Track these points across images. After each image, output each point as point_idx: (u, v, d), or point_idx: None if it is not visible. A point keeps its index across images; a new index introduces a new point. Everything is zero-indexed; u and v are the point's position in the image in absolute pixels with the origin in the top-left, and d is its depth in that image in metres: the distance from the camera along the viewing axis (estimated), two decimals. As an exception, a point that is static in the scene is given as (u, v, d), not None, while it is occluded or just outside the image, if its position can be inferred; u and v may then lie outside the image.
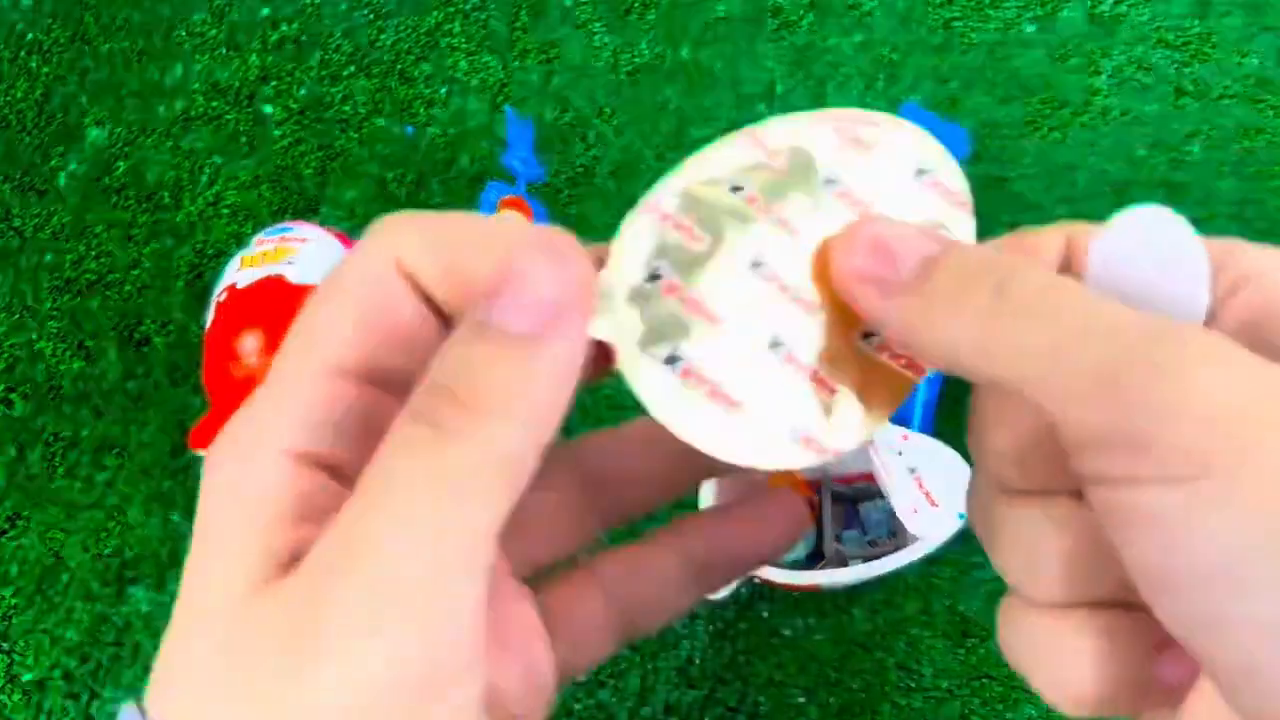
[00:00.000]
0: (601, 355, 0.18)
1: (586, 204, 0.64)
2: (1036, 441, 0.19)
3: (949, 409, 0.55)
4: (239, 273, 0.56)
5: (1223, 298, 0.18)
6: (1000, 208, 0.62)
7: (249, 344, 0.53)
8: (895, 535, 0.54)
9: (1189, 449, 0.14)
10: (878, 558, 0.49)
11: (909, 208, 0.19)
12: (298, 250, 0.56)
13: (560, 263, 0.17)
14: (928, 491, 0.49)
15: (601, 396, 0.57)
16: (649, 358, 0.18)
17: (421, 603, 0.15)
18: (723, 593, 0.51)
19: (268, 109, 0.69)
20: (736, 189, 0.20)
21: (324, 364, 0.18)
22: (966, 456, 0.44)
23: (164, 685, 0.17)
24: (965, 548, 0.52)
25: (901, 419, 0.53)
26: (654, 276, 0.19)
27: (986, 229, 0.19)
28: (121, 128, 0.68)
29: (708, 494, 0.48)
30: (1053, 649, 0.18)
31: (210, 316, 0.56)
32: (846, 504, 0.57)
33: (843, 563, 0.53)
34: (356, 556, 0.15)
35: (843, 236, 0.19)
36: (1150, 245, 0.18)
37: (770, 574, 0.49)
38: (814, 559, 0.55)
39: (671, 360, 0.18)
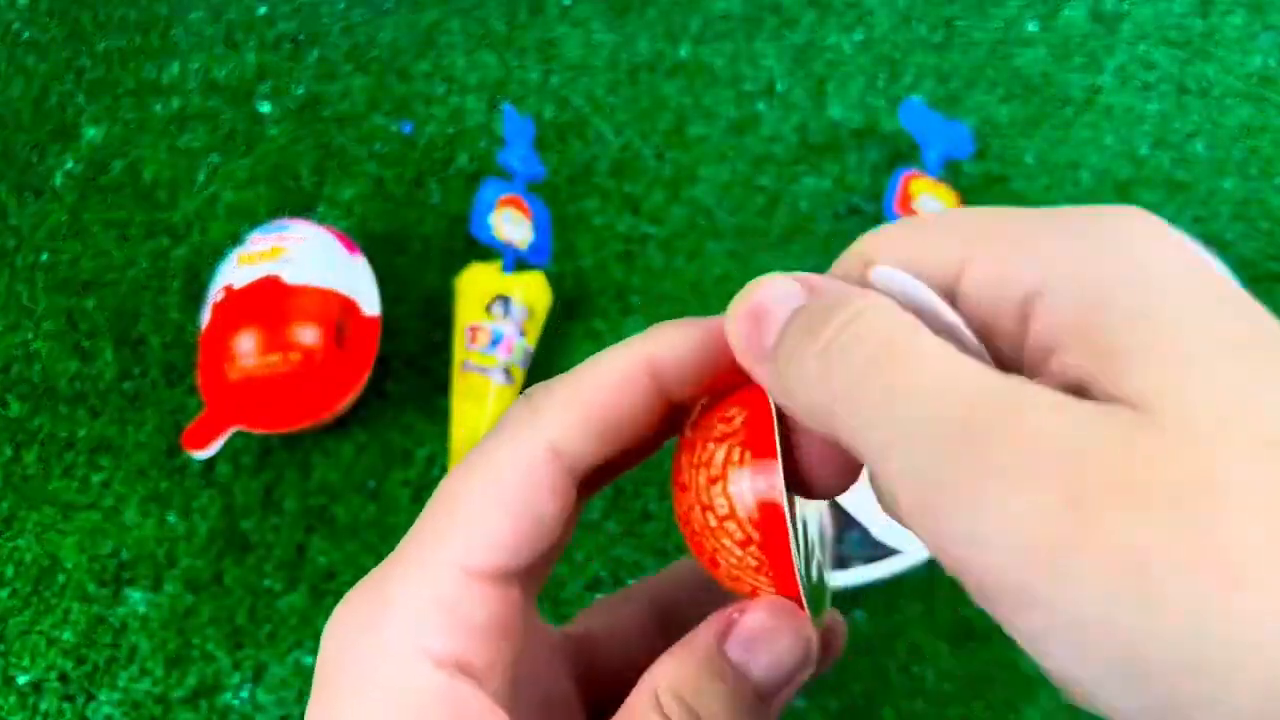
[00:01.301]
0: None
1: (585, 202, 0.64)
2: None
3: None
4: (236, 271, 0.55)
5: (1017, 330, 0.17)
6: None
7: (245, 344, 0.53)
8: (896, 536, 0.53)
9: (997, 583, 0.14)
10: (880, 559, 0.49)
11: None
12: (294, 249, 0.56)
13: (802, 639, 0.19)
14: None
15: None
16: None
17: None
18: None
19: (265, 107, 0.68)
20: None
21: (465, 560, 0.18)
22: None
23: None
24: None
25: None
26: None
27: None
28: (118, 126, 0.68)
29: None
30: None
31: (207, 317, 0.55)
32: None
33: (844, 564, 0.52)
34: None
35: (736, 297, 0.19)
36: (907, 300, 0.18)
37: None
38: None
39: None
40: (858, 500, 0.49)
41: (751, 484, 0.19)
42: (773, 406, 0.19)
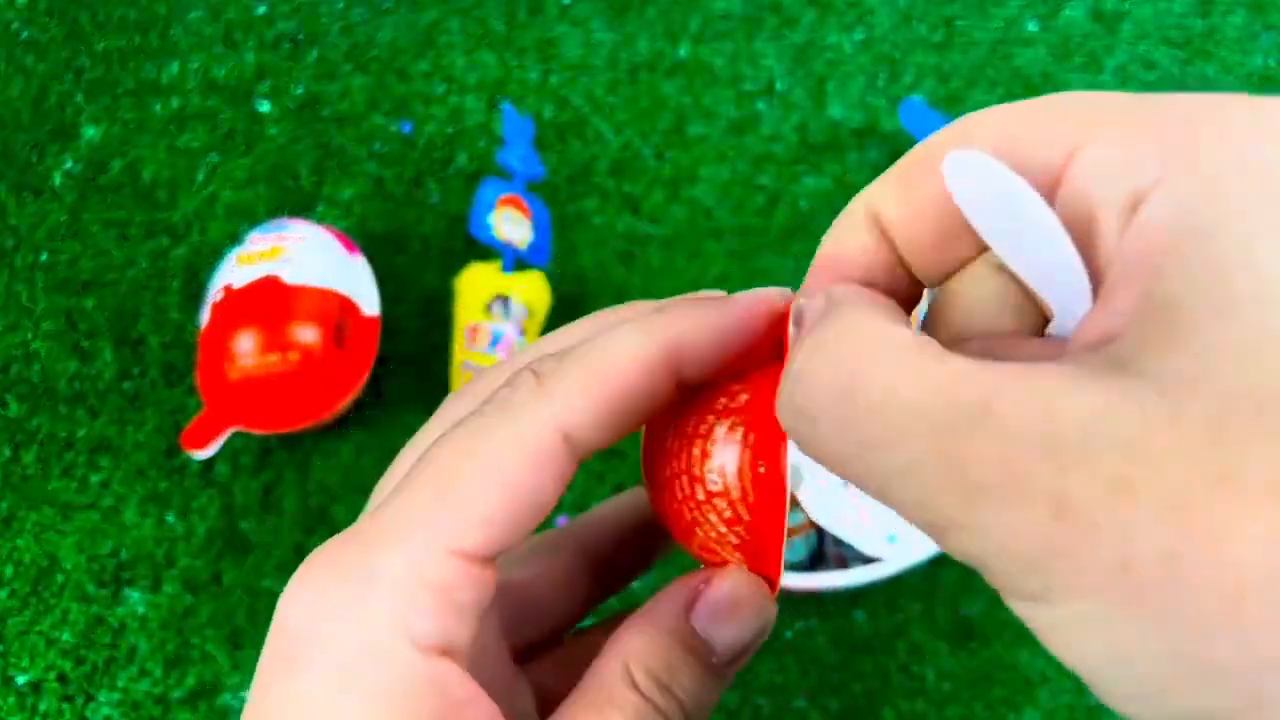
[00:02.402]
0: None
1: (585, 202, 0.64)
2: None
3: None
4: (235, 271, 0.55)
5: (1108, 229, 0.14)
6: (1002, 206, 0.62)
7: (245, 344, 0.53)
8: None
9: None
10: (879, 560, 0.49)
11: None
12: (294, 249, 0.56)
13: (761, 614, 0.19)
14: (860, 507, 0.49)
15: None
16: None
17: None
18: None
19: (264, 107, 0.68)
20: None
21: (457, 544, 0.17)
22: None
23: None
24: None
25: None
26: None
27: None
28: (117, 126, 0.68)
29: None
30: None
31: (206, 317, 0.55)
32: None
33: (843, 564, 0.52)
34: None
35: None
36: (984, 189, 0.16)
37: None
38: (815, 561, 0.54)
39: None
40: (834, 513, 0.49)
41: (752, 467, 0.18)
42: None
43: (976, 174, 0.15)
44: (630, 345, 0.18)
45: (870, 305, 0.16)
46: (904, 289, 0.18)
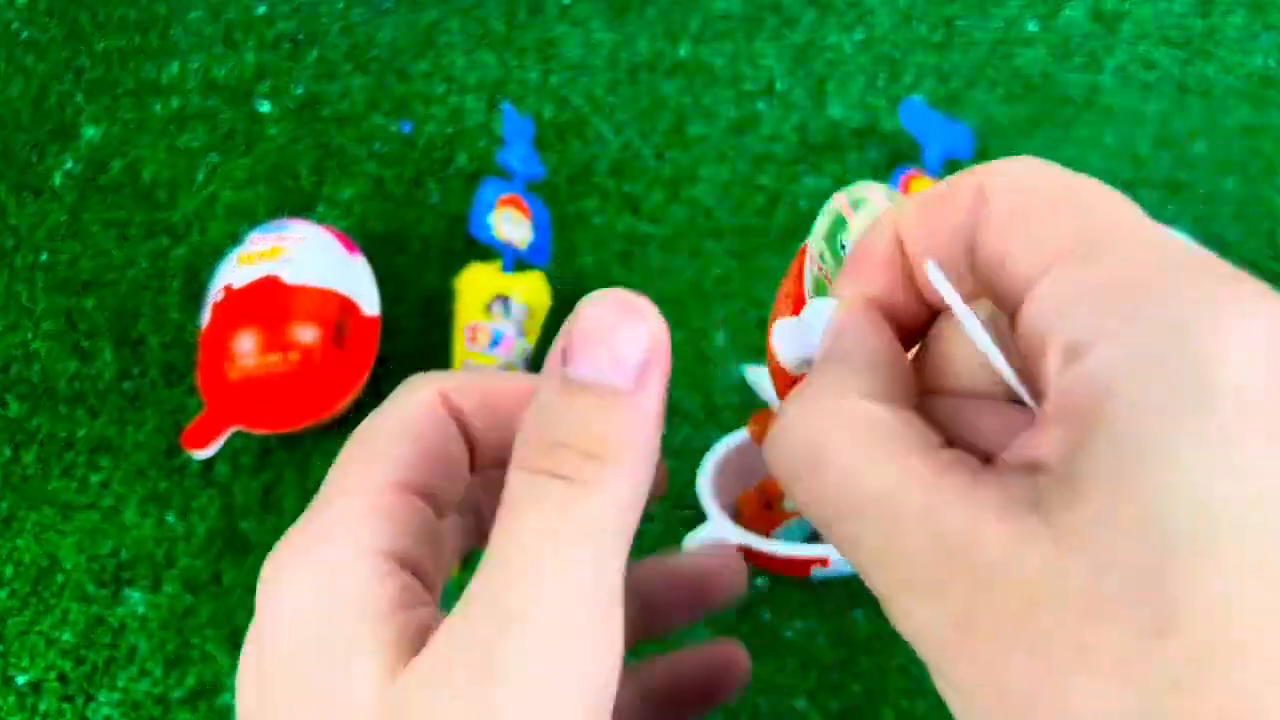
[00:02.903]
0: None
1: (585, 202, 0.64)
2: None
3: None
4: (235, 271, 0.55)
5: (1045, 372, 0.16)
6: (1002, 206, 0.62)
7: (245, 344, 0.53)
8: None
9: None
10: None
11: None
12: (294, 249, 0.56)
13: (639, 319, 0.18)
14: None
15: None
16: None
17: (595, 638, 0.17)
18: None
19: (264, 107, 0.68)
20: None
21: (391, 478, 0.19)
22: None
23: None
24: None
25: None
26: None
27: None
28: (117, 126, 0.68)
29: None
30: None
31: (206, 316, 0.55)
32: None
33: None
34: (526, 603, 0.16)
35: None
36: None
37: (775, 547, 0.49)
38: (813, 539, 0.54)
39: None
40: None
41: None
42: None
43: (942, 293, 0.17)
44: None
45: (859, 369, 0.17)
46: (915, 307, 0.19)
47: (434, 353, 0.59)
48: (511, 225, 0.58)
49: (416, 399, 0.21)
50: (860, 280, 0.19)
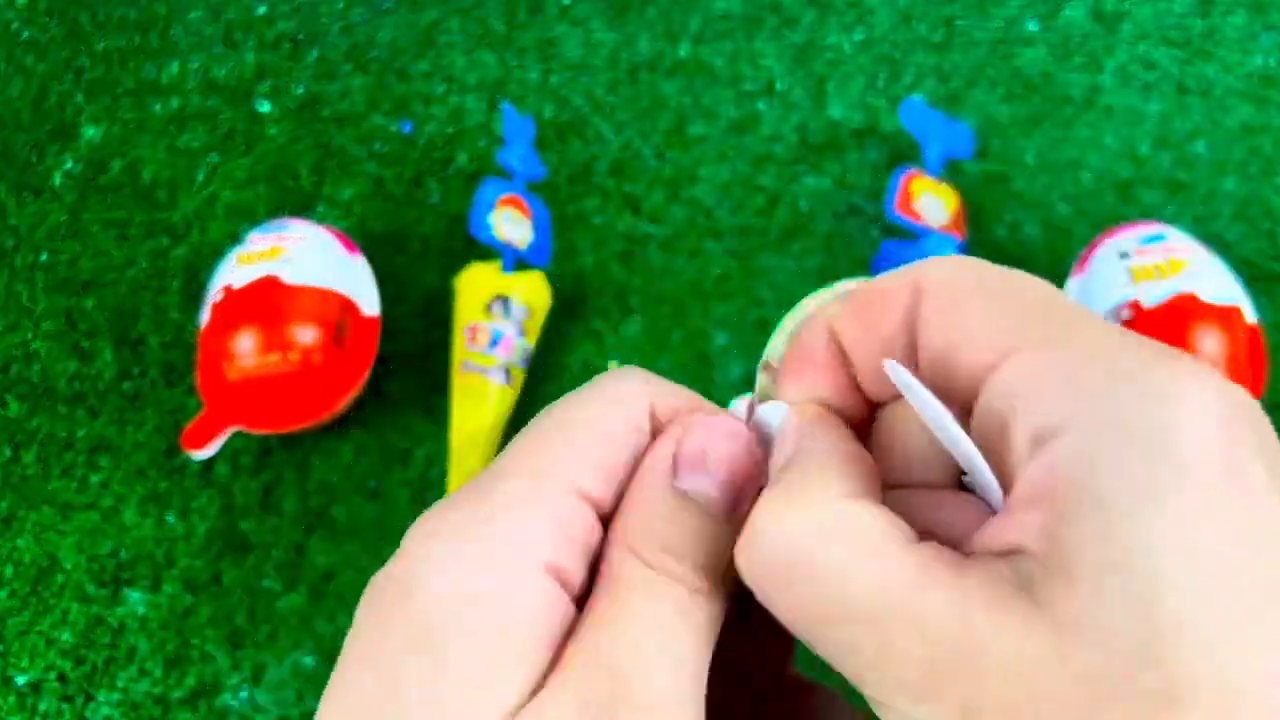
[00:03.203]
0: None
1: (585, 202, 0.64)
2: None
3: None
4: (235, 271, 0.55)
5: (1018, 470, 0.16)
6: (1002, 206, 0.62)
7: (244, 344, 0.53)
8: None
9: None
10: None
11: None
12: (294, 249, 0.56)
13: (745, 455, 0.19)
14: None
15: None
16: None
17: None
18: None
19: (264, 107, 0.68)
20: None
21: (574, 485, 0.18)
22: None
23: None
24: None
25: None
26: None
27: (989, 228, 0.19)
28: (117, 126, 0.68)
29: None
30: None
31: (206, 317, 0.55)
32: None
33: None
34: (622, 690, 0.16)
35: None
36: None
37: None
38: None
39: None
40: None
41: None
42: None
43: (903, 387, 0.17)
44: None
45: (830, 470, 0.17)
46: (858, 405, 0.19)
47: (434, 353, 0.59)
48: (511, 225, 0.58)
49: (627, 412, 0.20)
50: (804, 383, 0.19)
